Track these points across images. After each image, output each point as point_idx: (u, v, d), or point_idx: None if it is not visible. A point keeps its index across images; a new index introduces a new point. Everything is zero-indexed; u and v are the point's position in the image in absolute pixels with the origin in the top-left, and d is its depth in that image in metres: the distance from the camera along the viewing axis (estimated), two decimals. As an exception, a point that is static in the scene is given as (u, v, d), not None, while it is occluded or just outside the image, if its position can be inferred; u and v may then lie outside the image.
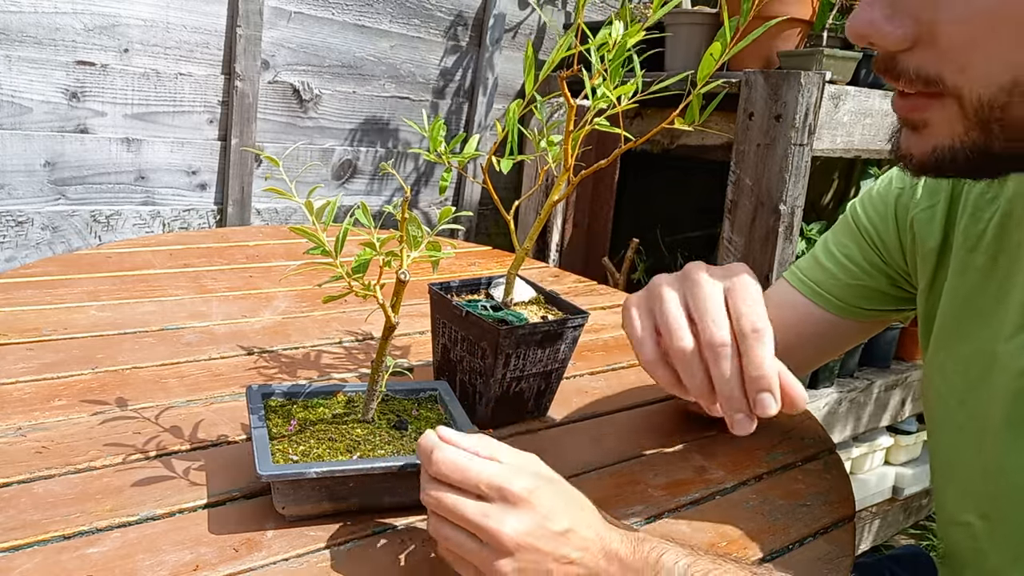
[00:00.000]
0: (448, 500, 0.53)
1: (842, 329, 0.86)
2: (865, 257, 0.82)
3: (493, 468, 0.54)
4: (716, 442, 0.84)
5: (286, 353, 0.94)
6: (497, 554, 0.52)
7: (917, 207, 0.76)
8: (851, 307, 0.84)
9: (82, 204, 1.63)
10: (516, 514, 0.52)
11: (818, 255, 0.86)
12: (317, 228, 0.58)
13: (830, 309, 0.84)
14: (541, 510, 0.53)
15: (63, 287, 1.07)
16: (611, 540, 0.55)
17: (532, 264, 1.51)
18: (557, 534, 0.53)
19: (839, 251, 0.84)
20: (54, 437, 0.71)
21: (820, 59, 1.63)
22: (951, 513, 0.72)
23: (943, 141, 0.53)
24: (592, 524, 0.55)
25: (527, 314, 0.80)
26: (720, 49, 0.64)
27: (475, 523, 0.52)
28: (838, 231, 0.85)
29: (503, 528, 0.51)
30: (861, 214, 0.83)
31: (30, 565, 0.55)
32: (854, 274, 0.83)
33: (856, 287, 0.83)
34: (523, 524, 0.52)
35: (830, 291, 0.84)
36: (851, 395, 1.99)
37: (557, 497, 0.54)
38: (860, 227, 0.83)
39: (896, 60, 0.52)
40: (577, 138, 0.73)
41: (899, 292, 0.83)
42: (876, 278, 0.82)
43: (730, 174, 1.69)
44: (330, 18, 1.84)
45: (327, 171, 1.94)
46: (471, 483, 0.53)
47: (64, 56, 1.53)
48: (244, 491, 0.66)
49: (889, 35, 0.51)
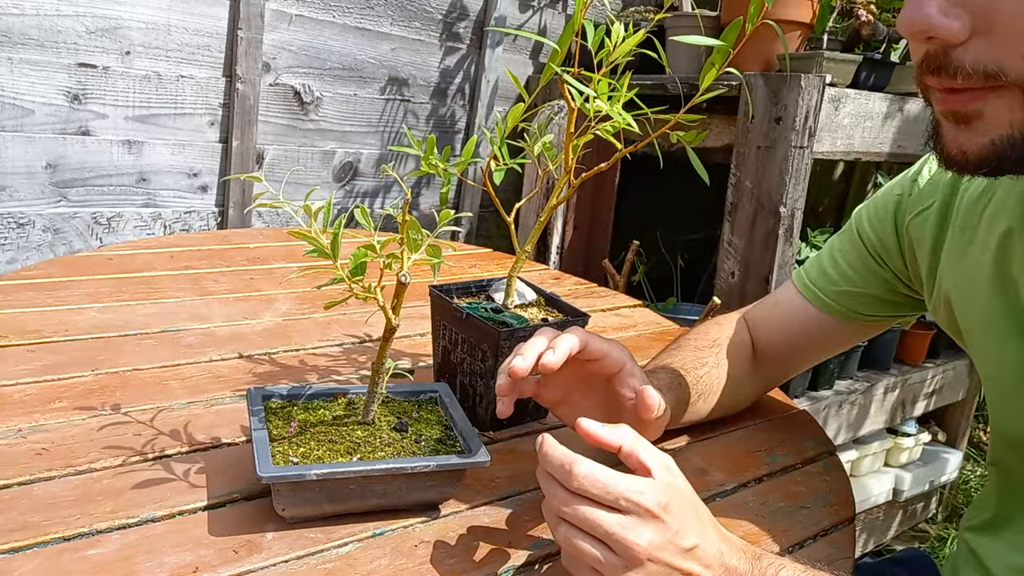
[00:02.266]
0: (588, 513, 0.54)
1: (843, 332, 0.88)
2: (865, 265, 0.83)
3: (630, 482, 0.55)
4: (716, 444, 0.84)
5: (286, 355, 0.94)
6: (629, 565, 0.53)
7: (913, 211, 0.77)
8: (852, 312, 0.85)
9: (83, 206, 1.64)
10: (651, 527, 0.54)
11: (823, 260, 0.87)
12: (315, 230, 0.58)
13: (831, 314, 0.86)
14: (674, 525, 0.54)
15: (64, 289, 1.07)
16: (731, 556, 0.56)
17: (532, 266, 1.51)
18: (685, 550, 0.54)
19: (841, 258, 0.85)
20: (54, 439, 0.71)
21: (820, 62, 1.63)
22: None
23: (1002, 131, 0.50)
24: (714, 540, 0.57)
25: (527, 316, 0.81)
26: (722, 59, 0.64)
27: (612, 535, 0.53)
28: (843, 238, 0.87)
29: (640, 541, 0.53)
30: (864, 222, 0.84)
31: (30, 567, 0.55)
32: (854, 281, 0.84)
33: (856, 294, 0.84)
34: (657, 538, 0.54)
35: (832, 297, 0.85)
36: (851, 397, 1.99)
37: (687, 511, 0.56)
38: (862, 235, 0.84)
39: (949, 56, 0.50)
40: (578, 143, 0.73)
41: (899, 298, 0.83)
42: (875, 285, 0.83)
43: (730, 176, 1.69)
44: (331, 21, 1.84)
45: (328, 173, 1.94)
46: (611, 497, 0.54)
47: (66, 58, 1.53)
48: (244, 493, 0.66)
49: (945, 28, 0.49)
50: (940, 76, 0.51)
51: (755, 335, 0.91)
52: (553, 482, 0.56)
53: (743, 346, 0.89)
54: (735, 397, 0.88)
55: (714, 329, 0.90)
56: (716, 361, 0.85)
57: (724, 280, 1.74)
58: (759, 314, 0.92)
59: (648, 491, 0.54)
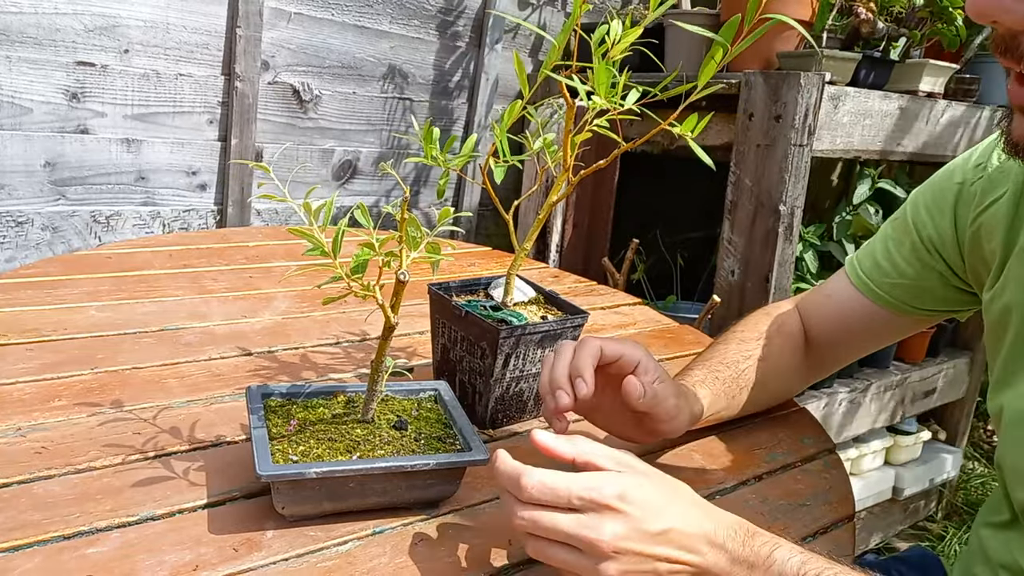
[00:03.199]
0: (544, 519, 0.54)
1: (897, 324, 0.86)
2: (917, 256, 0.81)
3: (581, 480, 0.54)
4: (716, 442, 0.84)
5: (286, 353, 0.94)
6: (598, 560, 0.52)
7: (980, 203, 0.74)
8: (905, 305, 0.83)
9: (82, 204, 1.63)
10: (611, 520, 0.53)
11: (876, 250, 0.85)
12: (315, 229, 0.58)
13: (885, 306, 0.84)
14: (635, 513, 0.53)
15: (63, 287, 1.07)
16: (717, 534, 0.55)
17: (532, 264, 1.51)
18: (654, 535, 0.53)
19: (894, 248, 0.83)
20: (54, 437, 0.71)
21: (820, 60, 1.63)
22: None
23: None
24: (694, 519, 0.55)
25: (527, 314, 0.80)
26: (721, 52, 0.63)
27: (573, 535, 0.53)
28: (897, 226, 0.84)
29: (602, 536, 0.52)
30: (921, 210, 0.81)
31: (30, 565, 0.55)
32: (906, 273, 0.82)
33: (908, 286, 0.82)
34: (620, 528, 0.53)
35: (885, 289, 0.83)
36: (851, 395, 1.99)
37: (653, 496, 0.55)
38: (917, 223, 0.81)
39: (1017, 39, 0.50)
40: (576, 139, 0.73)
41: (955, 294, 0.81)
42: (926, 278, 0.81)
43: (730, 175, 1.69)
44: (330, 19, 1.84)
45: (327, 171, 1.94)
46: (563, 500, 0.53)
47: (64, 57, 1.53)
48: (244, 491, 0.66)
49: (1014, 11, 0.49)
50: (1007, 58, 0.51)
51: (807, 324, 0.90)
52: (510, 497, 0.56)
53: (793, 337, 0.88)
54: (781, 387, 0.88)
55: (763, 320, 0.89)
56: (763, 354, 0.85)
57: (724, 278, 1.74)
58: (812, 304, 0.91)
59: (600, 485, 0.54)
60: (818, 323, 0.89)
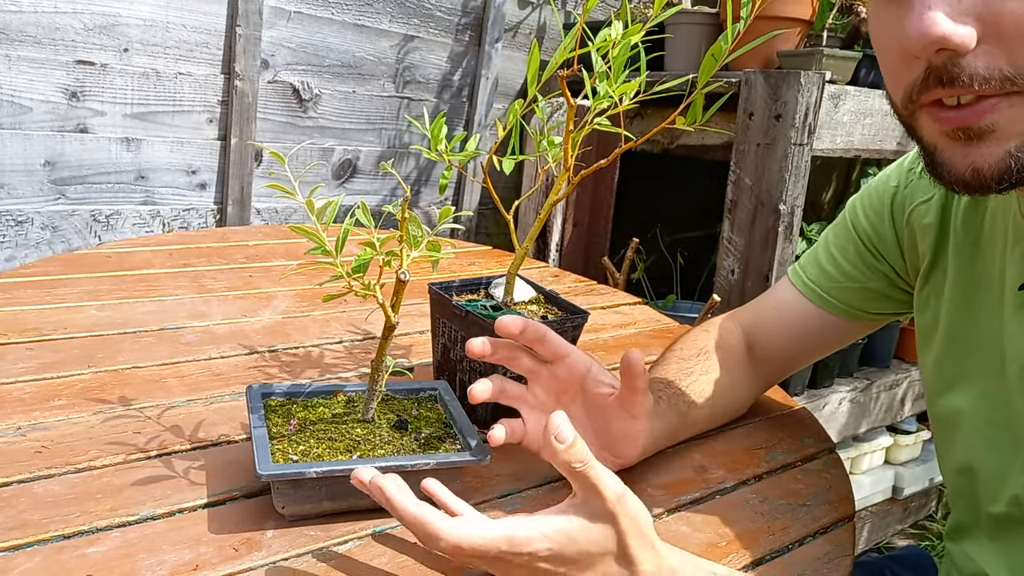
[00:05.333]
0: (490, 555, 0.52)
1: (846, 329, 0.86)
2: (863, 260, 0.82)
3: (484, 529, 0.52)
4: (716, 441, 0.84)
5: (286, 353, 0.94)
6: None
7: (914, 202, 0.75)
8: (854, 310, 0.83)
9: (82, 204, 1.63)
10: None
11: (820, 256, 0.85)
12: (318, 228, 0.58)
13: (833, 312, 0.84)
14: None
15: (63, 287, 1.07)
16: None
17: (532, 264, 1.51)
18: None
19: (839, 253, 0.83)
20: (54, 437, 0.71)
21: (820, 59, 1.63)
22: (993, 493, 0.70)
23: (1018, 141, 0.49)
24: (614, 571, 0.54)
25: (527, 314, 0.80)
26: (722, 50, 0.64)
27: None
28: (839, 231, 0.85)
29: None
30: (860, 215, 0.82)
31: (30, 564, 0.55)
32: (853, 277, 0.82)
33: (857, 290, 0.82)
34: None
35: (832, 295, 0.83)
36: (851, 395, 2.00)
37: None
38: (857, 228, 0.82)
39: (959, 65, 0.48)
40: (577, 138, 0.73)
41: (900, 294, 0.82)
42: (875, 280, 0.82)
43: (730, 174, 1.69)
44: (330, 18, 1.84)
45: (327, 170, 1.94)
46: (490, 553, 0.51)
47: (64, 56, 1.53)
48: (244, 491, 0.66)
49: (956, 35, 0.47)
50: (953, 87, 0.49)
51: (752, 336, 0.88)
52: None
53: (734, 350, 0.86)
54: (730, 403, 0.85)
55: (701, 337, 0.87)
56: (704, 369, 0.82)
57: (724, 278, 1.74)
58: (755, 314, 0.90)
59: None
60: (764, 334, 0.87)
